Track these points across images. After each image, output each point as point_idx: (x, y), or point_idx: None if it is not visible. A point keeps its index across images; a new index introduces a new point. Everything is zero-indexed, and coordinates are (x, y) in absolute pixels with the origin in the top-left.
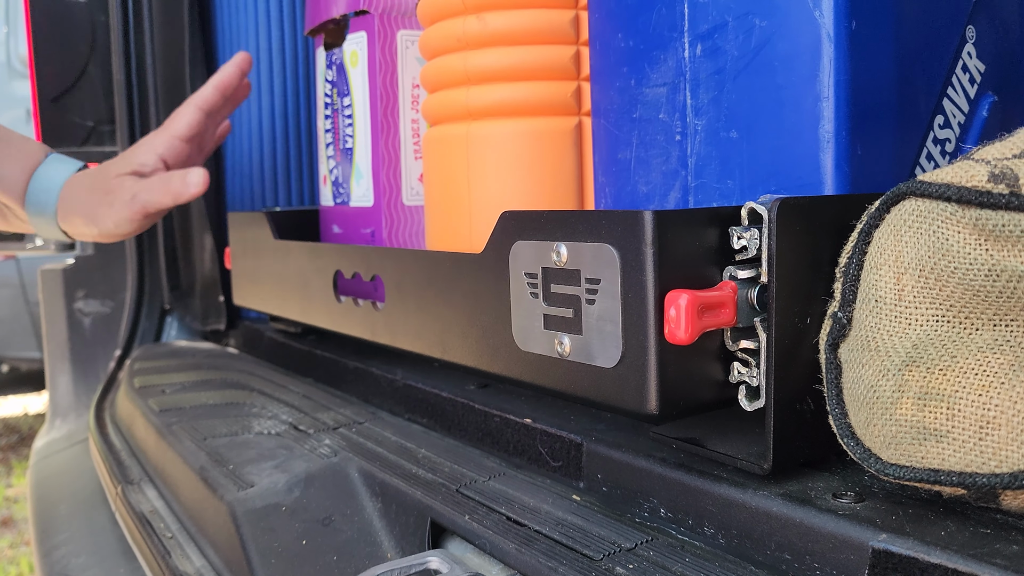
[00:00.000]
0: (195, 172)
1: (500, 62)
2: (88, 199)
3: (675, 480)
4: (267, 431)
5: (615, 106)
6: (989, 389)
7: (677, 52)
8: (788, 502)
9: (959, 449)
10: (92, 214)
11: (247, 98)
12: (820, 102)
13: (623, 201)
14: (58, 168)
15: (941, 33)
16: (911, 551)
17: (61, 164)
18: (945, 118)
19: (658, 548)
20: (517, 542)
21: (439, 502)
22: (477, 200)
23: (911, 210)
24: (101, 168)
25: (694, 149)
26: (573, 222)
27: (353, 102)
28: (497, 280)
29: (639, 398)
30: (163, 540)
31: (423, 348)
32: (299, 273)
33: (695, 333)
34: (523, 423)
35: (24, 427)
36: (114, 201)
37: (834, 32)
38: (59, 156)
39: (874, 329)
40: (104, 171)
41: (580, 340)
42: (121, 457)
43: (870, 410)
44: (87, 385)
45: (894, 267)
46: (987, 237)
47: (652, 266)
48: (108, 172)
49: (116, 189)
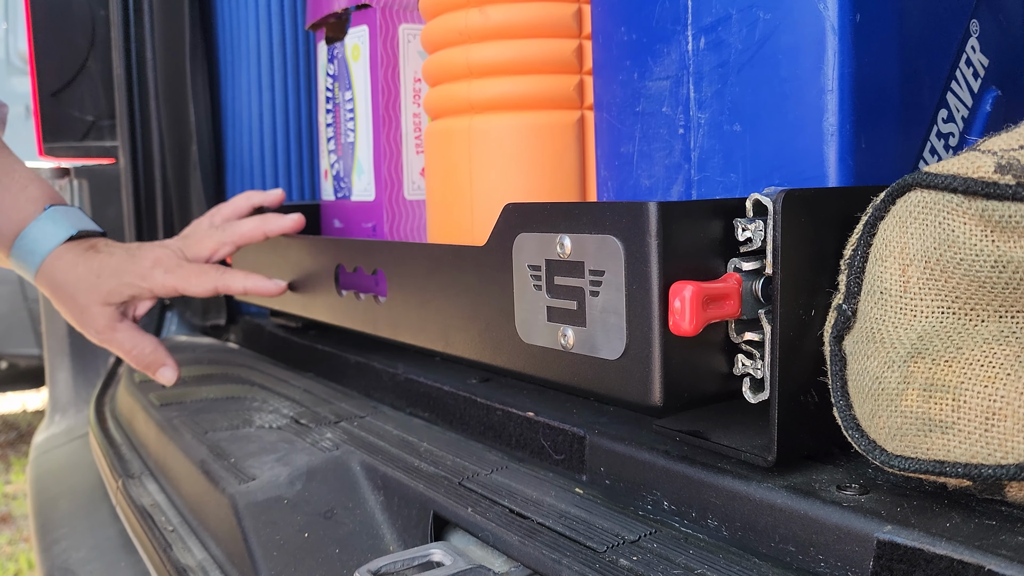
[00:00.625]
0: (168, 371)
1: (502, 55)
2: (66, 300)
3: (678, 472)
4: (268, 425)
5: (618, 100)
6: (995, 380)
7: (680, 45)
8: (792, 494)
9: (965, 440)
10: (62, 311)
11: (248, 92)
12: (824, 95)
13: (625, 194)
14: (47, 232)
15: (945, 27)
16: (916, 542)
17: (51, 228)
18: (949, 112)
19: (662, 540)
20: (520, 534)
21: (442, 495)
22: (479, 194)
23: (917, 201)
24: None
25: (697, 142)
26: (577, 214)
27: (355, 96)
28: (500, 272)
29: (643, 390)
30: (164, 533)
31: (425, 342)
32: (300, 267)
33: (700, 325)
34: (526, 416)
35: (23, 424)
36: (85, 325)
37: (838, 25)
38: (53, 214)
39: (879, 321)
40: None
41: (584, 332)
42: (122, 451)
43: (875, 402)
44: (86, 380)
45: (899, 258)
46: (993, 228)
47: (657, 258)
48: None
49: (91, 318)
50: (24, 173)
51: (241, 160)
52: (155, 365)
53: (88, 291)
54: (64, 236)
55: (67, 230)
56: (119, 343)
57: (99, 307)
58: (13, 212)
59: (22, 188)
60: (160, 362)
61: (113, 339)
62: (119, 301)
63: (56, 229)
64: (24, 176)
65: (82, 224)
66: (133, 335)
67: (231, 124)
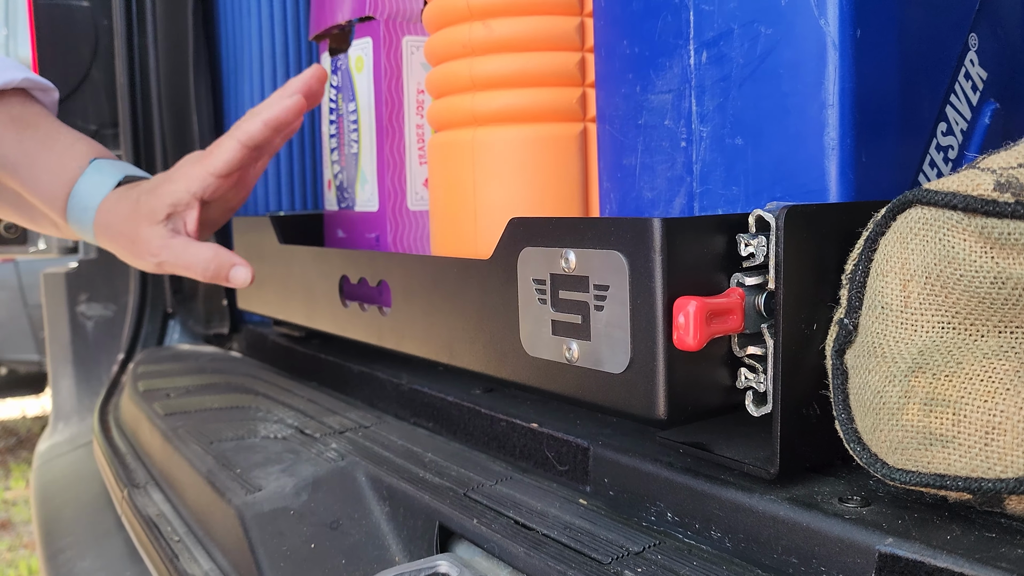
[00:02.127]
0: (242, 270)
1: (506, 68)
2: (118, 237)
3: (682, 484)
4: (273, 435)
5: (620, 112)
6: (995, 395)
7: (682, 59)
8: (795, 506)
9: (965, 454)
10: (122, 254)
11: (251, 102)
12: (825, 109)
13: (628, 207)
14: (95, 183)
15: (944, 41)
16: (917, 555)
17: (98, 177)
18: (948, 125)
19: (666, 552)
20: (526, 546)
21: (447, 506)
22: (482, 205)
23: (917, 218)
24: (135, 199)
25: (699, 155)
26: (582, 229)
27: (358, 107)
28: (505, 286)
29: (648, 403)
30: (170, 543)
31: (430, 353)
32: (304, 277)
33: (704, 339)
34: (530, 427)
35: (22, 430)
36: (141, 253)
37: (839, 40)
38: (99, 165)
39: (880, 335)
40: (137, 208)
41: (588, 346)
42: (126, 461)
43: (876, 415)
44: (90, 389)
45: (900, 274)
46: (992, 245)
47: (661, 273)
48: (140, 211)
49: (143, 242)
50: (69, 135)
51: None
52: (224, 268)
53: (132, 218)
54: (111, 184)
55: (114, 177)
56: (177, 257)
57: (147, 229)
58: (61, 171)
59: (67, 147)
60: (228, 263)
61: (171, 255)
62: (164, 215)
63: (102, 179)
64: (69, 137)
65: (128, 171)
66: (189, 245)
67: None
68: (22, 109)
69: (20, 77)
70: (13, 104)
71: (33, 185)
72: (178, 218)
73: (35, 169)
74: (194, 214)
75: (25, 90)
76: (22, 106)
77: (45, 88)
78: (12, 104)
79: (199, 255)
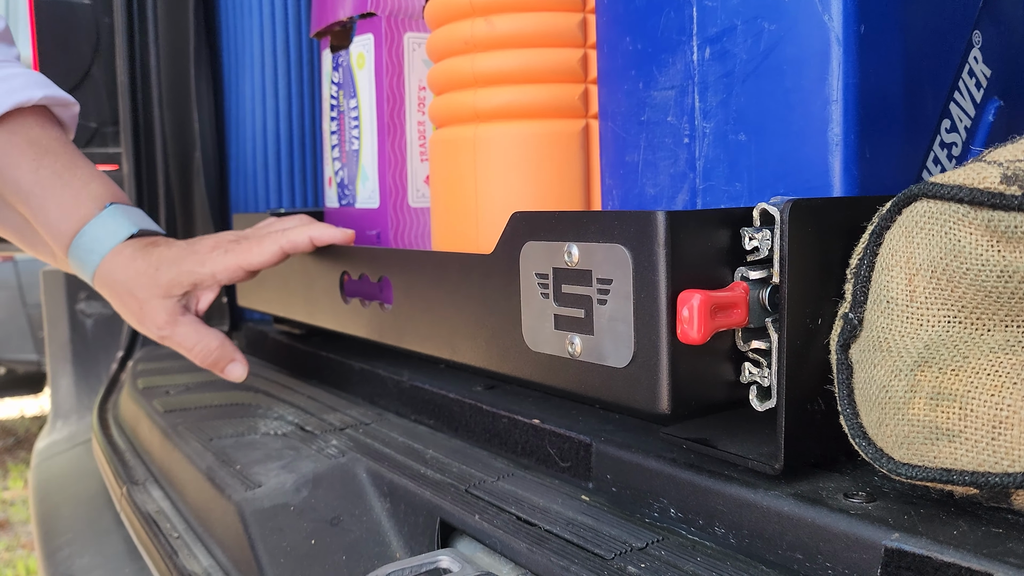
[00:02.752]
0: (237, 367)
1: (507, 64)
2: (126, 296)
3: (685, 480)
4: (273, 432)
5: (623, 109)
6: (1001, 389)
7: (686, 55)
8: (800, 502)
9: (972, 449)
10: (120, 309)
11: (251, 99)
12: (829, 105)
13: (630, 203)
14: (108, 230)
15: (948, 38)
16: (924, 550)
17: (113, 225)
18: (952, 122)
19: (669, 547)
20: (528, 541)
21: (448, 502)
22: (484, 202)
23: (923, 211)
24: (155, 265)
25: (702, 152)
26: (585, 223)
27: (359, 104)
28: (507, 281)
29: (651, 398)
30: (170, 540)
31: (431, 349)
32: (305, 274)
33: (708, 333)
34: (531, 424)
35: (20, 429)
36: (145, 321)
37: (843, 36)
38: (115, 211)
39: (886, 330)
40: (155, 276)
41: (591, 340)
42: (126, 458)
43: (882, 410)
44: (89, 387)
45: (906, 268)
46: (999, 239)
47: (665, 266)
48: (158, 279)
49: (152, 311)
50: (87, 170)
51: (244, 167)
52: (223, 361)
53: (147, 285)
54: (125, 234)
55: (128, 228)
56: (182, 338)
57: (159, 300)
58: (74, 209)
59: (84, 185)
60: (228, 357)
61: (175, 334)
62: (180, 292)
63: (116, 227)
64: (87, 173)
65: (144, 223)
66: (197, 329)
67: (234, 131)
68: (40, 132)
69: (39, 95)
70: (31, 125)
71: (43, 217)
72: (192, 296)
73: (48, 201)
74: (210, 296)
75: (45, 107)
76: (41, 128)
77: (66, 103)
78: (30, 125)
79: (204, 343)
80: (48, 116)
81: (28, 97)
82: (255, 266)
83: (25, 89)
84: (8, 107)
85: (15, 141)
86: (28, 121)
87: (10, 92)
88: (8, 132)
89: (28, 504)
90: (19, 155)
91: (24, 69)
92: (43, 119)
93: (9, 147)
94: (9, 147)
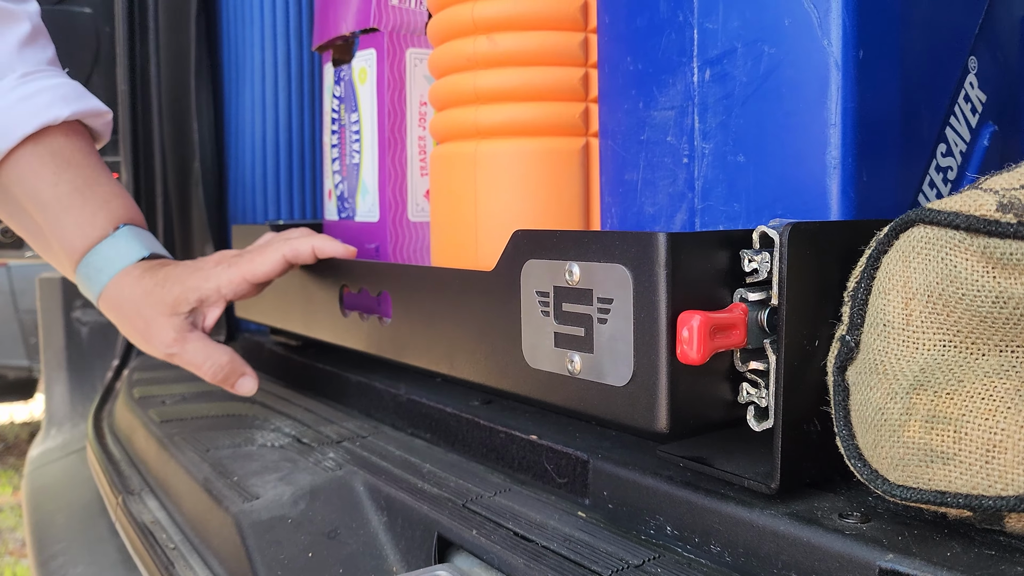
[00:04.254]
0: (248, 380)
1: (509, 82)
2: (133, 317)
3: (682, 498)
4: (270, 444)
5: (623, 128)
6: (996, 413)
7: (686, 76)
8: (795, 521)
9: (966, 472)
10: (126, 330)
11: (252, 110)
12: (827, 128)
13: (629, 222)
14: (119, 251)
15: (945, 63)
16: (918, 571)
17: (124, 247)
18: (948, 146)
19: (665, 565)
20: (525, 557)
21: (446, 516)
22: (484, 218)
23: (920, 237)
24: (160, 283)
25: (701, 172)
26: (586, 242)
27: (360, 118)
28: (508, 297)
29: (649, 416)
30: (166, 551)
31: (430, 364)
32: (303, 286)
33: (707, 353)
34: (529, 439)
35: (10, 436)
36: (152, 340)
37: (842, 60)
38: (127, 233)
39: (882, 352)
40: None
41: (591, 358)
42: (121, 467)
43: (878, 432)
44: (83, 395)
45: (902, 292)
46: (995, 265)
47: (665, 287)
48: (164, 298)
49: (159, 330)
50: (108, 187)
51: (243, 178)
52: (233, 376)
53: (154, 303)
54: (135, 257)
55: (139, 251)
56: (192, 355)
57: (166, 318)
58: (89, 227)
59: (102, 202)
60: (238, 372)
61: (184, 351)
62: (187, 309)
63: (128, 249)
64: (107, 190)
65: (155, 247)
66: (206, 346)
67: (234, 142)
68: (65, 143)
69: (66, 113)
70: (57, 137)
71: (58, 230)
72: (199, 313)
73: (64, 216)
74: (216, 312)
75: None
76: (66, 139)
77: (98, 113)
78: (56, 137)
79: (213, 359)
80: (77, 128)
81: (55, 116)
82: (259, 277)
83: (52, 107)
84: (34, 128)
85: (39, 152)
86: (55, 134)
87: (35, 113)
88: (33, 143)
89: (16, 511)
90: (41, 167)
91: (56, 80)
92: (71, 130)
93: (32, 158)
94: (32, 158)
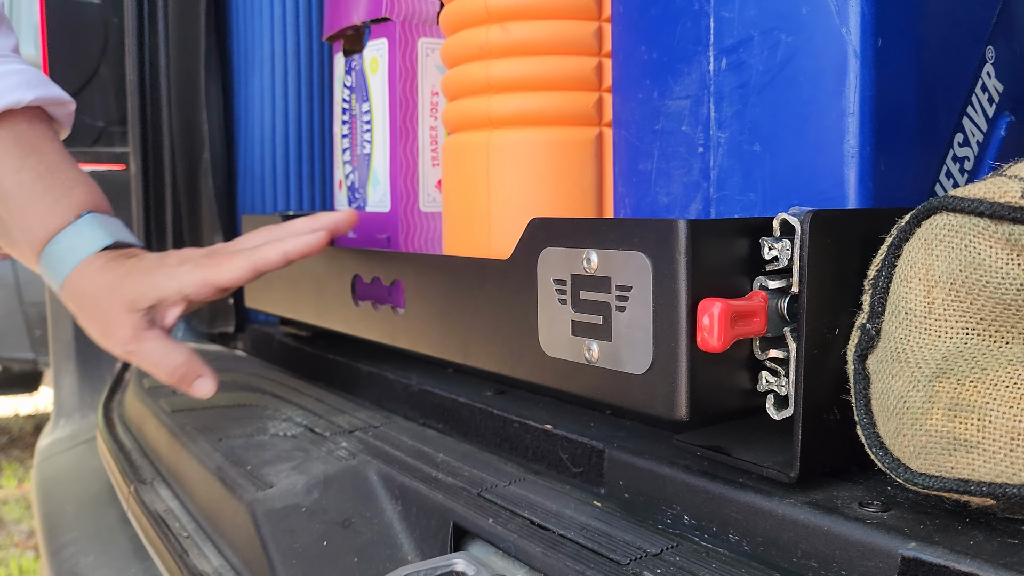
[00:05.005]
0: (206, 381)
1: (522, 71)
2: (92, 311)
3: (699, 487)
4: (282, 433)
5: (637, 117)
6: (1020, 401)
7: (701, 65)
8: (815, 510)
9: (989, 460)
10: (85, 324)
11: (261, 100)
12: (845, 117)
13: (643, 212)
14: (82, 240)
15: (962, 53)
16: (941, 559)
17: (88, 235)
18: (964, 136)
19: (683, 554)
20: (543, 546)
21: (461, 505)
22: (496, 208)
23: (943, 224)
24: (122, 276)
25: (716, 161)
26: (605, 230)
27: (372, 108)
28: (524, 286)
29: (668, 404)
30: (179, 539)
31: (444, 353)
32: (315, 276)
33: (728, 341)
34: (543, 429)
35: (15, 428)
36: (110, 337)
37: (860, 49)
38: (91, 220)
39: (904, 341)
40: (120, 287)
41: (609, 347)
42: (132, 457)
43: (900, 420)
44: (92, 385)
45: (924, 280)
46: (1020, 252)
47: (685, 275)
48: (123, 292)
49: (117, 326)
50: (71, 174)
51: (253, 168)
52: (189, 377)
53: (113, 298)
54: (99, 245)
55: (102, 239)
56: (148, 353)
57: (124, 314)
58: (51, 216)
59: (65, 190)
60: (195, 373)
61: (140, 350)
62: (145, 306)
63: (91, 237)
64: (71, 177)
65: (120, 234)
66: (163, 344)
67: (243, 132)
68: (28, 130)
69: (30, 97)
70: (20, 122)
71: (20, 220)
72: (158, 311)
73: (25, 205)
74: (176, 312)
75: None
76: (29, 125)
77: (60, 102)
78: (19, 122)
79: (170, 358)
80: (40, 114)
81: (18, 99)
82: (223, 284)
83: (15, 90)
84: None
85: (1, 137)
86: (18, 119)
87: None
88: None
89: (20, 503)
90: (4, 152)
91: (19, 66)
92: (34, 117)
93: None
94: None
